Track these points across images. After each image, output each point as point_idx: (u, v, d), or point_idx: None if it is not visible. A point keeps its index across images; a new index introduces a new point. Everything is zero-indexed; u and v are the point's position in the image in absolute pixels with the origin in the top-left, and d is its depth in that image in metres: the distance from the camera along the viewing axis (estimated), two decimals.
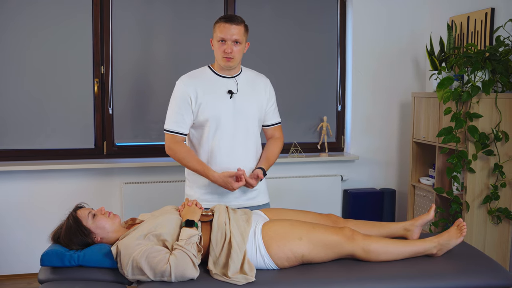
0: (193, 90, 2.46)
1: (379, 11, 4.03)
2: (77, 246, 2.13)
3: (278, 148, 2.67)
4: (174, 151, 2.48)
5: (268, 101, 2.64)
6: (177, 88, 2.50)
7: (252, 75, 2.61)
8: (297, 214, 2.38)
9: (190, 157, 2.46)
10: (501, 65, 3.02)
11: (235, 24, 2.41)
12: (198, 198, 2.52)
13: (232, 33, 2.40)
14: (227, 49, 2.41)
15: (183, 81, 2.50)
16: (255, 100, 2.56)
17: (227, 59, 2.43)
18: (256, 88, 2.58)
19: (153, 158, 3.78)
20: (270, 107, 2.66)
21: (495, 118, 3.06)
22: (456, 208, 3.15)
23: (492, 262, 2.25)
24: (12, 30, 3.54)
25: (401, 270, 2.14)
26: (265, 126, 2.68)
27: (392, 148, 4.17)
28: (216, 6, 3.85)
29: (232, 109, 2.48)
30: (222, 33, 2.40)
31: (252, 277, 2.02)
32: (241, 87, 2.52)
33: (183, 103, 2.46)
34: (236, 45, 2.43)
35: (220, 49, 2.43)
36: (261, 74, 2.67)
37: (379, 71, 4.08)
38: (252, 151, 2.56)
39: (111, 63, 3.71)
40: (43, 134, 3.66)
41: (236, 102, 2.49)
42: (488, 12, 3.36)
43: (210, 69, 2.54)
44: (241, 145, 2.51)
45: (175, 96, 2.50)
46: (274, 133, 2.70)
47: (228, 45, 2.41)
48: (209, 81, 2.50)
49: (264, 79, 2.65)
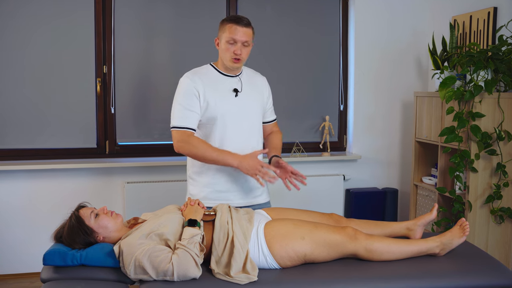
0: (201, 87, 2.43)
1: (382, 11, 4.03)
2: (80, 245, 2.13)
3: (280, 139, 2.71)
4: (185, 146, 2.39)
5: (268, 99, 2.67)
6: (183, 84, 2.46)
7: (251, 73, 2.63)
8: (300, 214, 2.38)
9: (205, 147, 2.38)
10: (504, 64, 3.02)
11: (245, 27, 2.41)
12: (201, 197, 2.51)
13: (243, 35, 2.40)
14: (237, 51, 2.40)
15: (189, 77, 2.46)
16: (258, 97, 2.58)
17: (235, 60, 2.43)
18: (257, 86, 2.61)
19: (155, 158, 3.78)
20: (269, 105, 2.70)
21: (498, 118, 3.05)
22: (458, 207, 3.14)
23: (495, 262, 2.24)
24: (14, 30, 3.54)
25: (404, 269, 2.13)
26: (264, 123, 2.70)
27: (394, 148, 4.17)
28: (218, 5, 3.84)
29: (237, 107, 2.49)
30: (233, 35, 2.39)
31: (255, 277, 2.02)
32: (245, 85, 2.54)
33: (191, 98, 2.42)
34: (245, 47, 2.43)
35: (229, 50, 2.41)
36: (257, 72, 2.70)
37: (382, 71, 4.08)
38: (257, 148, 2.57)
39: (114, 63, 3.72)
40: (45, 134, 3.66)
41: (241, 100, 2.50)
42: (491, 11, 3.36)
43: (214, 68, 2.53)
44: (247, 142, 2.52)
45: (181, 92, 2.44)
46: (273, 129, 2.75)
47: (238, 46, 2.41)
48: (214, 79, 2.49)
49: (262, 77, 2.68)
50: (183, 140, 2.39)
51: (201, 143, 2.39)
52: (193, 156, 2.41)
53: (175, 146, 2.42)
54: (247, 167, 2.33)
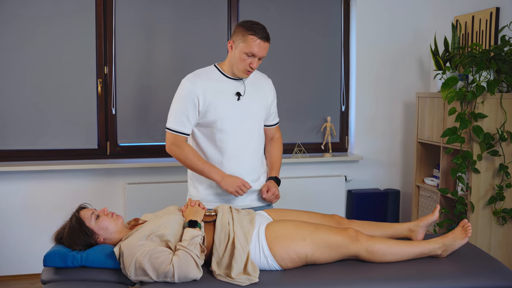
0: (201, 91, 2.41)
1: (383, 11, 4.02)
2: (80, 246, 2.13)
3: (280, 151, 2.72)
4: (176, 150, 2.45)
5: (272, 102, 2.64)
6: (183, 87, 2.45)
7: (256, 75, 2.59)
8: (301, 215, 2.37)
9: (195, 158, 2.45)
10: (506, 65, 3.01)
11: (267, 42, 2.38)
12: (202, 199, 2.51)
13: (263, 50, 2.38)
14: (254, 65, 2.39)
15: (190, 80, 2.44)
16: (261, 101, 2.56)
17: (248, 72, 2.43)
18: (262, 89, 2.58)
19: (156, 159, 3.78)
20: (273, 108, 2.67)
21: (500, 118, 3.04)
22: (460, 208, 3.13)
23: (497, 263, 2.23)
24: (16, 30, 3.54)
25: (406, 271, 2.12)
26: (267, 126, 2.67)
27: (396, 149, 4.15)
28: (219, 6, 3.84)
29: (239, 110, 2.46)
30: (253, 49, 2.35)
31: (256, 278, 2.01)
32: (248, 88, 2.51)
33: (189, 103, 2.41)
34: (260, 60, 2.42)
35: (245, 62, 2.38)
36: (263, 74, 2.66)
37: (383, 71, 4.07)
38: (258, 152, 2.57)
39: (115, 64, 3.71)
40: (46, 135, 3.66)
41: (243, 104, 2.48)
42: (493, 11, 3.35)
43: (217, 69, 2.51)
44: (248, 146, 2.51)
45: (180, 95, 2.44)
46: (275, 133, 2.73)
47: (255, 60, 2.39)
48: (216, 82, 2.46)
49: (267, 79, 2.64)
50: (175, 144, 2.45)
51: (191, 153, 2.45)
52: (182, 162, 2.48)
53: (167, 148, 2.48)
54: (229, 183, 2.43)
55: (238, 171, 2.48)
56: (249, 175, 2.51)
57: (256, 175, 2.56)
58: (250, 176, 2.52)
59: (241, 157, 2.49)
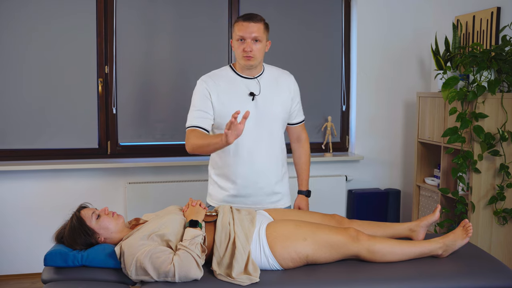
0: (214, 89, 2.39)
1: (384, 11, 4.02)
2: (81, 246, 2.13)
3: (308, 157, 2.67)
4: (187, 144, 2.34)
5: (293, 100, 2.55)
6: (197, 87, 2.44)
7: (275, 73, 2.52)
8: (302, 215, 2.37)
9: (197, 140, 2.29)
10: (507, 65, 3.00)
11: (253, 22, 2.36)
12: (222, 200, 2.48)
13: (251, 31, 2.34)
14: (247, 48, 2.34)
15: (203, 80, 2.44)
16: (280, 100, 2.48)
17: (247, 58, 2.36)
18: (280, 87, 2.50)
19: (157, 158, 3.78)
20: (296, 106, 2.59)
21: (501, 118, 3.04)
22: (461, 208, 3.13)
23: (498, 263, 2.23)
24: (16, 30, 3.54)
25: (406, 271, 2.12)
26: (290, 124, 2.62)
27: (397, 148, 4.15)
28: (220, 5, 3.84)
29: (254, 111, 2.39)
30: (241, 32, 2.35)
31: (256, 278, 2.01)
32: (264, 87, 2.45)
33: (203, 99, 2.38)
34: (256, 43, 2.36)
35: (240, 48, 2.36)
36: (285, 70, 2.59)
37: (384, 71, 4.07)
38: (277, 154, 2.50)
39: (115, 63, 3.71)
40: (46, 134, 3.66)
41: (259, 104, 2.42)
42: (494, 11, 3.34)
43: (231, 69, 2.48)
44: (264, 148, 2.45)
45: (194, 94, 2.43)
46: (300, 134, 2.66)
47: (248, 43, 2.34)
48: (229, 80, 2.43)
49: (287, 76, 2.56)
50: (186, 138, 2.37)
51: (194, 138, 2.30)
52: (198, 152, 2.32)
53: (186, 148, 2.38)
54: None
55: (253, 175, 2.44)
56: (265, 178, 2.46)
57: (274, 177, 2.50)
58: (267, 180, 2.47)
59: (258, 161, 2.44)
